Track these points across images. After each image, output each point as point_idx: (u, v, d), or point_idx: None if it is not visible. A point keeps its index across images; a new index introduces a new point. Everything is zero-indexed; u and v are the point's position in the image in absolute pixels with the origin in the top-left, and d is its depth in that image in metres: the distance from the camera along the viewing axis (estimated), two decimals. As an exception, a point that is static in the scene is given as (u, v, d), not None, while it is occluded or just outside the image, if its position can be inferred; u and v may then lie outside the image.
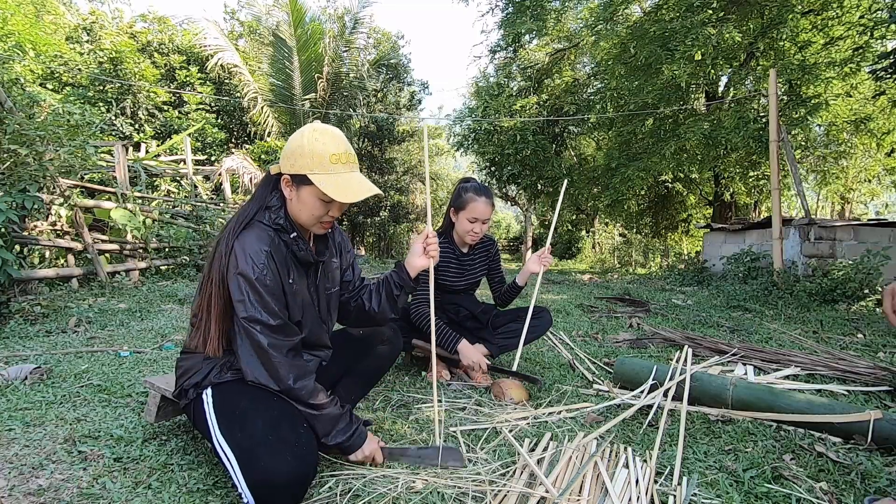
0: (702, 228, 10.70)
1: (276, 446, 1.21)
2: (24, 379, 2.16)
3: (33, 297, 4.13)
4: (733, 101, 9.91)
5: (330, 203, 1.40)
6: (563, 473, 1.42)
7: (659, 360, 2.82)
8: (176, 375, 1.50)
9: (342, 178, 1.37)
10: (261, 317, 1.32)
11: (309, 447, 1.27)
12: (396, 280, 1.66)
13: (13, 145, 4.09)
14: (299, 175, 1.37)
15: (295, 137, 1.40)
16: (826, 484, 1.41)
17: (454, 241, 2.48)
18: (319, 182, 1.34)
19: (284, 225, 1.42)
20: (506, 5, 13.56)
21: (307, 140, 1.37)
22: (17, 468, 1.40)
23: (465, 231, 2.37)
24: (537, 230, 21.76)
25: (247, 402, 1.33)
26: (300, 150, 1.36)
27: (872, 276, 5.25)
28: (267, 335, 1.33)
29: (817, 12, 9.04)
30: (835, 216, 17.08)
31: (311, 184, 1.36)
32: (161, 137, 11.93)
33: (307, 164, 1.35)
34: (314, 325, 1.54)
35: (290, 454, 1.20)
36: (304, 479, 1.21)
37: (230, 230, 1.40)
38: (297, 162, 1.36)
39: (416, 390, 2.26)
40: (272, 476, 1.17)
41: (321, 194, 1.36)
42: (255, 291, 1.32)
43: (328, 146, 1.36)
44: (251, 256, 1.33)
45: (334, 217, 1.46)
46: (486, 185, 2.47)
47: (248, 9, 13.05)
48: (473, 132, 13.91)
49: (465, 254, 2.52)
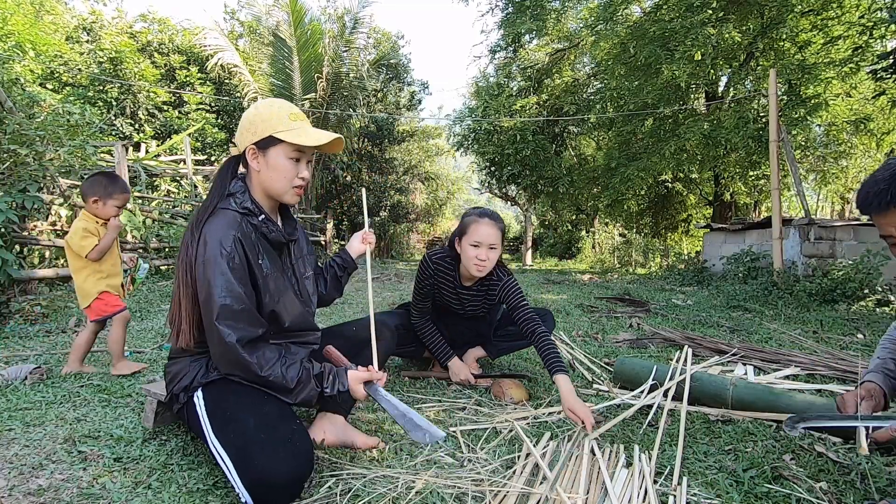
0: (702, 228, 10.70)
1: (269, 445, 1.21)
2: (24, 379, 2.16)
3: (33, 297, 4.13)
4: (733, 101, 9.91)
5: (299, 161, 1.44)
6: (563, 473, 1.42)
7: (659, 360, 2.82)
8: (165, 381, 1.50)
9: (305, 130, 1.43)
10: (226, 301, 1.30)
11: (304, 444, 1.27)
12: (340, 262, 1.83)
13: (13, 145, 4.09)
14: (264, 139, 1.41)
15: (247, 113, 1.45)
16: (826, 484, 1.41)
17: (458, 270, 2.20)
18: (287, 136, 1.39)
19: (252, 208, 1.43)
20: (506, 5, 13.57)
21: (262, 108, 1.44)
22: (17, 468, 1.40)
23: (469, 259, 2.04)
24: (537, 230, 21.75)
25: (237, 401, 1.33)
26: (258, 118, 1.42)
27: (872, 276, 5.25)
28: (232, 328, 1.30)
29: (817, 12, 9.03)
30: (835, 216, 17.07)
31: (278, 143, 1.41)
32: (161, 137, 11.93)
33: (270, 126, 1.40)
34: (295, 308, 1.52)
35: (284, 452, 1.21)
36: (300, 476, 1.22)
37: (195, 221, 1.40)
38: (259, 128, 1.41)
39: (416, 390, 2.26)
40: (268, 475, 1.17)
41: (290, 151, 1.41)
42: (221, 274, 1.31)
43: (283, 108, 1.44)
44: (220, 241, 1.33)
45: (306, 179, 1.47)
46: (492, 210, 2.18)
47: (248, 9, 13.02)
48: (473, 132, 13.92)
49: (466, 288, 2.23)
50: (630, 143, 11.12)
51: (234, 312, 1.31)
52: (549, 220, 20.99)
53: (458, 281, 2.22)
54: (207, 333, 1.34)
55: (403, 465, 1.50)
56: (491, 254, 2.03)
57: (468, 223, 2.06)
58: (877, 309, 4.89)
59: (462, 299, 2.28)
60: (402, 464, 1.51)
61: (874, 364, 1.38)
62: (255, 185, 1.47)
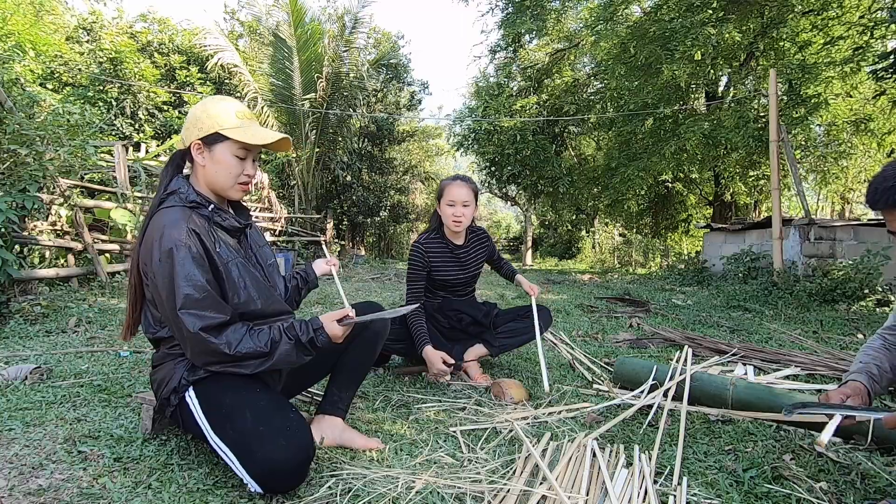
0: (702, 228, 10.70)
1: (268, 436, 1.25)
2: (24, 379, 2.16)
3: (33, 297, 4.13)
4: (733, 101, 9.92)
5: (244, 160, 1.45)
6: (563, 473, 1.42)
7: (659, 360, 2.82)
8: (153, 390, 1.51)
9: (252, 129, 1.44)
10: (187, 290, 1.28)
11: (302, 431, 1.30)
12: (303, 276, 1.85)
13: (13, 145, 4.09)
14: (210, 135, 1.41)
15: (194, 109, 1.46)
16: (826, 484, 1.41)
17: (445, 237, 2.49)
18: (233, 134, 1.40)
19: (199, 200, 1.42)
20: (506, 5, 13.57)
21: (209, 104, 1.44)
22: (17, 468, 1.40)
23: (447, 217, 2.39)
24: (537, 230, 21.75)
25: (231, 396, 1.35)
26: (204, 114, 1.42)
27: (872, 276, 5.25)
28: (196, 317, 1.28)
29: (817, 12, 9.04)
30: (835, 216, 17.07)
31: (223, 140, 1.41)
32: (161, 137, 11.94)
33: (216, 122, 1.41)
34: (263, 292, 1.50)
35: (284, 440, 1.25)
36: (302, 460, 1.26)
37: (145, 222, 1.40)
38: (205, 124, 1.41)
39: (416, 390, 2.26)
40: (272, 463, 1.22)
41: (235, 149, 1.42)
42: (180, 265, 1.29)
43: (230, 105, 1.44)
44: (171, 233, 1.31)
45: (251, 176, 1.48)
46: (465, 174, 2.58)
47: (248, 9, 13.03)
48: (473, 132, 13.91)
49: (459, 246, 2.51)
50: (630, 143, 11.12)
51: (197, 301, 1.30)
52: (549, 220, 20.98)
53: (451, 244, 2.50)
54: (174, 328, 1.33)
55: (403, 465, 1.50)
56: (466, 210, 2.37)
57: (443, 187, 2.41)
58: (877, 309, 4.89)
59: (460, 258, 2.51)
60: (402, 464, 1.51)
61: (857, 367, 1.38)
62: (200, 179, 1.47)
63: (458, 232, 2.46)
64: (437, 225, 2.50)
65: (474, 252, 2.57)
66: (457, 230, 2.43)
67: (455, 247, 2.50)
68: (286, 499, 1.30)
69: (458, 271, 2.51)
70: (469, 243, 2.56)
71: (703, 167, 11.07)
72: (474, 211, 2.44)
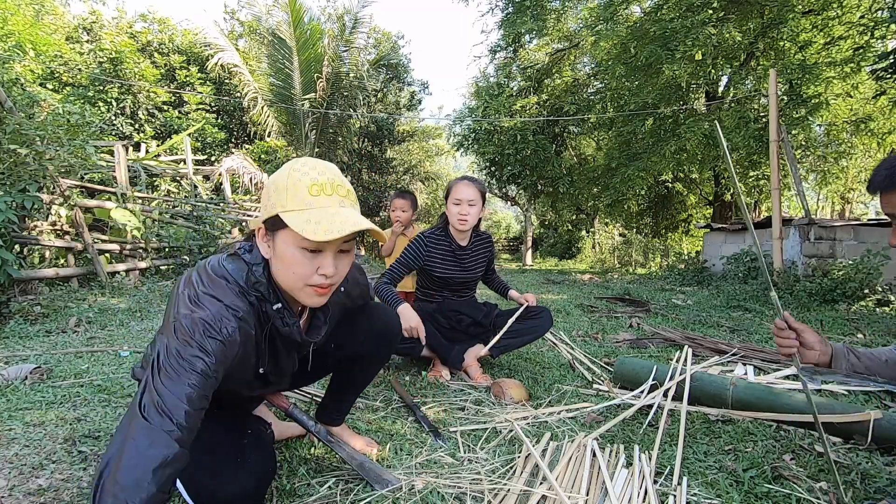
0: (702, 228, 10.70)
1: (210, 467, 1.12)
2: (24, 379, 2.16)
3: (33, 297, 4.13)
4: (733, 101, 9.92)
5: (316, 254, 1.05)
6: (563, 473, 1.42)
7: (659, 360, 2.82)
8: None
9: (325, 213, 1.02)
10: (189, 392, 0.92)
11: (253, 461, 1.19)
12: None
13: (13, 145, 4.10)
14: (271, 218, 1.05)
15: (273, 175, 1.11)
16: (826, 484, 1.41)
17: (450, 235, 2.51)
18: (291, 219, 1.01)
19: (266, 293, 1.09)
20: (506, 5, 13.56)
21: (282, 173, 1.07)
22: (17, 468, 1.40)
23: (453, 216, 2.41)
24: (537, 230, 21.75)
25: None
26: (274, 185, 1.06)
27: (872, 276, 5.25)
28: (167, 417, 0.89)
29: (817, 12, 9.04)
30: (835, 216, 17.08)
31: (284, 227, 1.03)
32: (161, 137, 11.95)
33: (280, 200, 1.03)
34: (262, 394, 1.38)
35: (227, 472, 1.14)
36: (246, 492, 1.13)
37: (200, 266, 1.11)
38: (270, 200, 1.05)
39: (416, 390, 2.26)
40: (212, 496, 1.10)
41: (299, 240, 1.02)
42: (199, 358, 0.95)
43: (308, 174, 1.05)
44: (220, 315, 1.00)
45: (329, 277, 1.07)
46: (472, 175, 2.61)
47: (248, 9, 13.04)
48: (473, 132, 13.91)
49: (463, 247, 2.53)
50: (630, 143, 11.11)
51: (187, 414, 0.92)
52: (549, 220, 20.98)
53: (455, 244, 2.51)
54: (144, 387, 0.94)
55: (403, 465, 1.50)
56: (471, 210, 2.38)
57: (451, 185, 2.45)
58: (877, 309, 4.89)
59: (460, 259, 2.53)
60: (402, 464, 1.51)
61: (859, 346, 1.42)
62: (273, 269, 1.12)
63: (463, 231, 2.47)
64: (444, 223, 2.52)
65: (477, 255, 2.59)
66: (462, 229, 2.44)
67: (458, 247, 2.52)
68: (286, 499, 1.30)
69: (458, 271, 2.53)
70: (473, 246, 2.57)
71: (703, 167, 11.06)
72: (481, 212, 2.45)
